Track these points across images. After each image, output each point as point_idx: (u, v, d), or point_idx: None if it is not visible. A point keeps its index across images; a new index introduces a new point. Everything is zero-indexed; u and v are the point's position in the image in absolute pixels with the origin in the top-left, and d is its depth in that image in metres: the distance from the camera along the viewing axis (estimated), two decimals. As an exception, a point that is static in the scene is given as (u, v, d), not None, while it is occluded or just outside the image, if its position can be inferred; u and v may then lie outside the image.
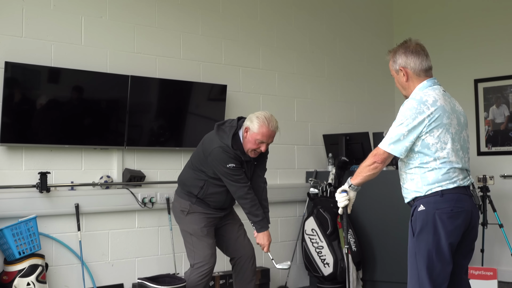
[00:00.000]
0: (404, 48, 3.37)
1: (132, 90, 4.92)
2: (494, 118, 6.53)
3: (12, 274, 4.22)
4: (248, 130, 4.12)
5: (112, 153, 4.96)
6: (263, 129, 4.07)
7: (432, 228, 3.17)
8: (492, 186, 5.79)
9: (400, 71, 3.37)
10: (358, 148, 5.99)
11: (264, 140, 4.10)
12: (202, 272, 4.18)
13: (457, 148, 3.24)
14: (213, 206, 4.29)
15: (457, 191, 3.20)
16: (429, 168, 3.21)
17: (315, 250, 5.72)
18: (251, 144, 4.12)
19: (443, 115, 3.20)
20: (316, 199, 5.82)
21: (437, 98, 3.22)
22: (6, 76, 4.37)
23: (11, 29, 4.52)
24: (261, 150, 4.15)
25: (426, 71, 3.35)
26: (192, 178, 4.29)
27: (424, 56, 3.35)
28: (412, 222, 3.26)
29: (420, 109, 3.18)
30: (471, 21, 6.77)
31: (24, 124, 4.50)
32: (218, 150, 4.10)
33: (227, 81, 5.56)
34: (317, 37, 6.57)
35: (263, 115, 4.12)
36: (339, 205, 3.45)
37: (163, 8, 5.34)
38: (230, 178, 4.13)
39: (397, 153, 3.22)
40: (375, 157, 3.28)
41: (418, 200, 3.25)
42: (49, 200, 4.55)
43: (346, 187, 3.43)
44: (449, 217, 3.16)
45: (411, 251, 3.26)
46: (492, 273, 5.38)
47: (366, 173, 3.32)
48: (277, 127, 4.16)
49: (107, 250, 4.88)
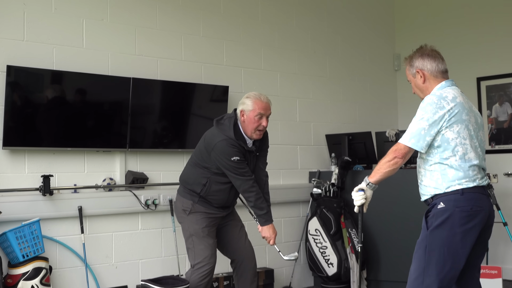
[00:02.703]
0: (420, 52, 3.48)
1: (134, 92, 4.92)
2: (497, 116, 6.52)
3: (16, 277, 4.23)
4: (244, 113, 4.19)
5: (115, 155, 4.97)
6: (257, 103, 4.18)
7: (449, 225, 3.18)
8: (496, 184, 5.75)
9: (417, 73, 3.45)
10: (361, 147, 5.99)
11: (262, 111, 4.17)
12: (203, 273, 4.19)
13: (475, 145, 3.28)
14: (216, 205, 4.29)
15: (477, 190, 3.23)
16: (449, 164, 3.23)
17: (319, 250, 5.71)
18: (252, 123, 4.16)
19: (462, 111, 3.25)
20: (319, 199, 5.81)
21: (457, 95, 3.30)
22: (9, 80, 4.38)
23: (13, 32, 4.53)
24: (263, 126, 4.19)
25: (443, 73, 3.44)
26: (195, 175, 4.29)
27: (440, 59, 3.46)
28: (429, 218, 3.26)
29: (440, 104, 3.23)
30: (473, 19, 6.75)
31: (27, 128, 4.51)
32: (222, 144, 4.11)
33: (229, 82, 5.56)
34: (319, 37, 6.56)
35: (252, 93, 4.27)
36: (356, 204, 3.44)
37: (164, 10, 5.34)
38: (235, 172, 4.13)
39: (418, 147, 3.25)
40: (395, 152, 3.29)
41: (437, 197, 3.26)
42: (52, 203, 4.55)
43: (363, 185, 3.42)
44: (467, 215, 3.17)
45: (421, 244, 3.25)
46: (496, 271, 5.37)
47: (385, 169, 3.32)
48: (270, 100, 4.27)
49: (110, 252, 4.89)
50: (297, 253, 4.41)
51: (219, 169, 4.18)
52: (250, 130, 4.19)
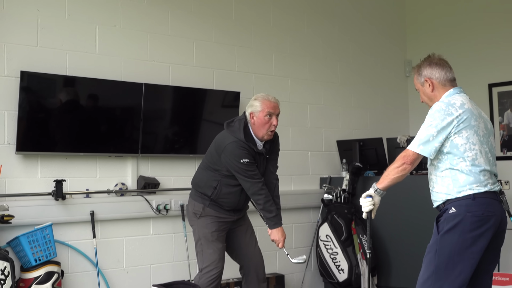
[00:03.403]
0: (428, 61, 3.51)
1: (146, 98, 4.95)
2: (509, 122, 6.49)
3: (29, 281, 4.26)
4: (253, 115, 4.21)
5: (127, 160, 4.99)
6: (266, 103, 4.21)
7: (460, 230, 3.18)
8: (508, 191, 5.73)
9: (425, 82, 3.48)
10: (372, 154, 5.98)
11: (272, 110, 4.20)
12: (211, 277, 4.20)
13: (486, 150, 3.30)
14: (227, 208, 4.30)
15: (488, 195, 3.24)
16: (459, 170, 3.24)
17: (330, 256, 5.70)
18: (262, 124, 4.19)
19: (471, 117, 3.27)
20: (330, 205, 5.81)
21: (465, 102, 3.32)
22: (22, 85, 4.42)
23: (26, 38, 4.57)
24: (274, 125, 4.20)
25: (451, 81, 3.47)
26: (206, 178, 4.31)
27: (448, 68, 3.48)
28: (440, 223, 3.27)
29: (448, 110, 3.25)
30: (484, 24, 6.73)
31: (40, 133, 4.54)
32: (232, 146, 4.14)
33: (241, 88, 5.58)
34: (330, 42, 6.57)
35: (260, 94, 4.30)
36: (364, 210, 3.45)
37: (176, 16, 5.37)
38: (244, 174, 4.14)
39: (427, 153, 3.26)
40: (404, 158, 3.31)
41: (449, 203, 3.26)
42: (64, 207, 4.58)
43: (371, 192, 3.43)
44: (479, 220, 3.18)
45: (432, 248, 3.26)
46: (508, 278, 5.35)
47: (394, 175, 3.33)
48: (278, 100, 4.29)
49: (122, 257, 4.91)
50: (305, 256, 4.42)
51: (229, 172, 4.20)
52: (262, 131, 4.21)
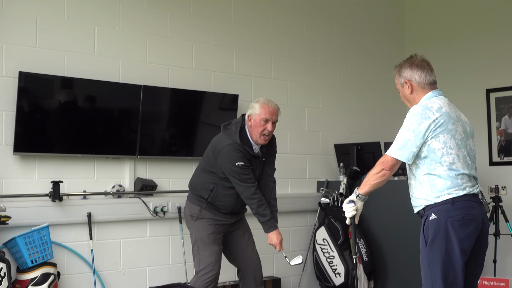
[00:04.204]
0: (409, 62, 3.47)
1: (144, 100, 4.95)
2: (506, 128, 6.50)
3: (25, 283, 4.25)
4: (251, 117, 4.21)
5: (124, 162, 4.99)
6: (265, 108, 4.19)
7: (444, 236, 3.18)
8: (505, 196, 5.75)
9: (405, 84, 3.46)
10: (370, 158, 5.98)
11: (268, 117, 4.18)
12: (207, 279, 4.19)
13: (464, 154, 3.27)
14: (224, 211, 4.29)
15: (467, 198, 3.22)
16: (437, 175, 3.23)
17: (326, 260, 5.70)
18: (258, 127, 4.18)
19: (448, 121, 3.25)
20: (327, 209, 5.81)
21: (442, 105, 3.29)
22: (20, 86, 4.41)
23: (25, 39, 4.56)
24: (268, 130, 4.19)
25: (431, 84, 3.43)
26: (203, 181, 4.31)
27: (428, 70, 3.44)
28: (424, 231, 3.27)
29: (425, 114, 3.24)
30: (483, 30, 6.74)
31: (37, 134, 4.54)
32: (227, 148, 4.14)
33: (239, 91, 5.58)
34: (329, 46, 6.58)
35: (262, 98, 4.29)
36: (347, 215, 3.48)
37: (175, 18, 5.37)
38: (238, 177, 4.14)
39: (405, 158, 3.26)
40: (383, 164, 3.31)
41: (429, 209, 3.26)
42: (61, 209, 4.57)
43: (353, 197, 3.45)
44: (461, 224, 3.17)
45: (424, 261, 3.26)
46: (504, 284, 5.36)
47: (374, 181, 3.34)
48: (278, 107, 4.27)
49: (118, 259, 4.90)
50: (301, 257, 4.39)
51: (225, 174, 4.20)
52: (256, 134, 4.20)
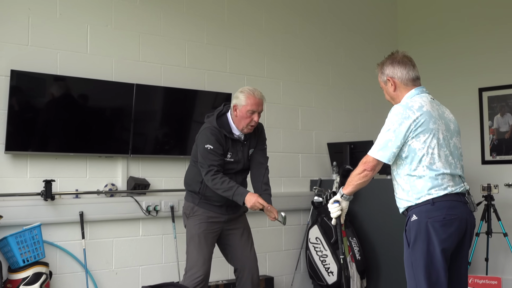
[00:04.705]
0: (391, 59, 3.45)
1: (137, 98, 4.94)
2: (498, 127, 6.52)
3: (16, 282, 4.23)
4: (236, 107, 4.19)
5: (117, 161, 4.97)
6: (250, 99, 4.16)
7: (425, 237, 3.15)
8: (497, 195, 5.77)
9: (388, 81, 3.44)
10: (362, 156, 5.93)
11: (254, 108, 4.16)
12: (194, 280, 4.13)
13: (445, 153, 3.22)
14: (217, 203, 4.24)
15: (449, 198, 3.18)
16: (417, 176, 3.20)
17: (319, 259, 5.71)
18: (244, 119, 4.17)
19: (429, 120, 3.20)
20: (320, 208, 5.81)
21: (423, 104, 3.25)
22: (12, 84, 4.39)
23: (17, 37, 4.54)
24: (254, 121, 4.18)
25: (414, 81, 3.39)
26: (193, 175, 4.32)
27: (410, 66, 3.40)
28: (407, 233, 3.26)
29: (405, 114, 3.20)
30: (475, 30, 6.77)
31: (29, 132, 4.52)
32: (204, 131, 4.17)
33: (232, 90, 5.54)
34: (321, 46, 6.58)
35: (246, 88, 4.25)
36: (332, 216, 3.51)
37: (168, 17, 5.36)
38: (202, 158, 4.10)
39: (385, 159, 3.24)
40: (365, 164, 3.31)
41: (410, 209, 3.25)
42: (53, 208, 4.56)
43: (338, 197, 3.46)
44: (441, 225, 3.14)
45: (408, 262, 3.25)
46: (496, 282, 5.38)
47: (357, 182, 3.34)
48: (263, 96, 4.25)
49: (111, 258, 4.88)
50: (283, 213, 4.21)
51: None
52: (242, 125, 4.20)
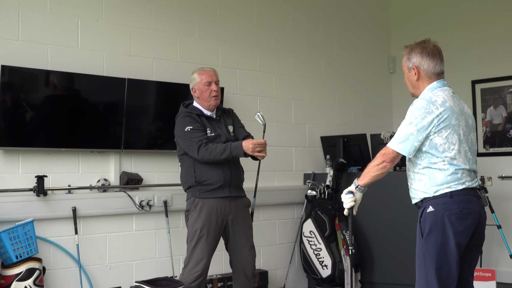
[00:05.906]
0: (421, 48, 3.38)
1: (129, 93, 4.92)
2: (491, 119, 6.53)
3: (9, 278, 4.22)
4: (195, 89, 4.41)
5: (109, 156, 4.96)
6: (202, 73, 4.40)
7: (441, 229, 3.16)
8: (490, 187, 5.78)
9: (412, 69, 3.38)
10: (356, 150, 5.99)
11: (209, 79, 4.38)
12: (194, 274, 4.17)
13: (465, 149, 3.25)
14: (217, 184, 4.24)
15: (466, 192, 3.20)
16: (437, 168, 3.21)
17: (313, 252, 5.71)
18: (204, 92, 4.36)
19: (451, 116, 3.21)
20: (314, 201, 5.81)
21: (446, 99, 3.24)
22: (3, 80, 4.36)
23: (7, 32, 4.51)
24: (215, 91, 4.35)
25: (438, 75, 3.36)
26: (185, 169, 4.34)
27: (439, 60, 3.36)
28: (421, 223, 3.25)
29: (429, 109, 3.19)
30: (468, 22, 6.77)
31: (21, 128, 4.49)
32: (177, 120, 4.36)
33: (224, 84, 5.54)
34: (314, 39, 6.57)
35: (195, 69, 4.52)
36: (345, 206, 3.43)
37: (160, 11, 5.33)
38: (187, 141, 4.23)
39: (406, 152, 3.23)
40: (384, 156, 3.28)
41: (426, 201, 3.24)
42: (46, 203, 4.54)
43: (352, 188, 3.41)
44: (458, 218, 3.16)
45: (420, 252, 3.25)
46: (490, 274, 5.38)
47: (374, 173, 3.32)
48: (213, 68, 4.49)
49: (104, 254, 4.87)
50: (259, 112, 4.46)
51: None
52: (205, 99, 4.36)
